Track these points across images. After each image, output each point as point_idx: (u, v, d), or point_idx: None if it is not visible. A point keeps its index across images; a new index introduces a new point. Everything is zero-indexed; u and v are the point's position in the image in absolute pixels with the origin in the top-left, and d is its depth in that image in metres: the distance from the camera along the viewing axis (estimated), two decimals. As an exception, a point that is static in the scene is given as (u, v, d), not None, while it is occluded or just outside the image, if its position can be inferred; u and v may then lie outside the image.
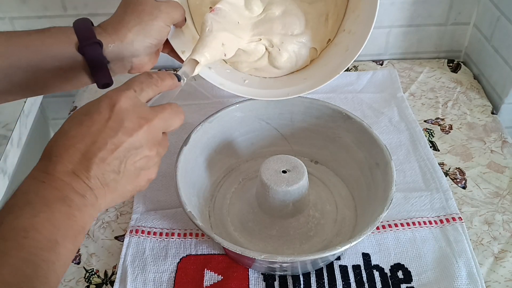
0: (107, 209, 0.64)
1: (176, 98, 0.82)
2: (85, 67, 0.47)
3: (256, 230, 0.59)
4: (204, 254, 0.58)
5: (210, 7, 0.56)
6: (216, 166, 0.65)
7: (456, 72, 0.86)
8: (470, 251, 0.57)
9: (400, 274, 0.56)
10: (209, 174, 0.64)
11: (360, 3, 0.58)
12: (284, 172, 0.56)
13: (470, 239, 0.59)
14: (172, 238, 0.60)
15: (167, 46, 0.56)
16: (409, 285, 0.55)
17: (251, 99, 0.62)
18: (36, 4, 0.79)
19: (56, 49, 0.45)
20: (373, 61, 0.89)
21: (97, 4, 0.79)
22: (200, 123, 0.61)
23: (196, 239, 0.60)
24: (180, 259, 0.58)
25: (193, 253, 0.58)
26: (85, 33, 0.46)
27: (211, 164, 0.64)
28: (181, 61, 0.57)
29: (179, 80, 0.45)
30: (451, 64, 0.87)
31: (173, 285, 0.55)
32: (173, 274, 0.56)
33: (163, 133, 0.41)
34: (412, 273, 0.56)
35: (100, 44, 0.46)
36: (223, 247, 0.51)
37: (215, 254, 0.58)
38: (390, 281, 0.55)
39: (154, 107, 0.40)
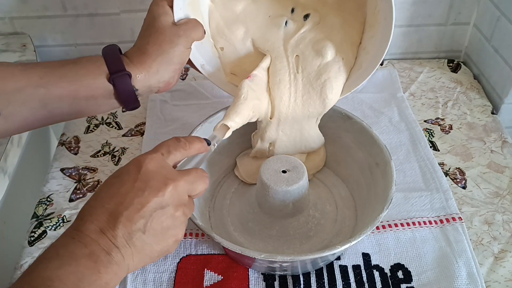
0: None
1: (176, 98, 0.83)
2: (115, 95, 0.49)
3: (256, 230, 0.59)
4: (204, 254, 0.58)
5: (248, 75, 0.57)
6: (216, 166, 0.65)
7: (456, 72, 0.86)
8: (470, 251, 0.57)
9: (400, 274, 0.56)
10: (209, 174, 0.63)
11: (376, 23, 0.56)
12: (284, 172, 0.56)
13: (470, 239, 0.59)
14: (172, 238, 0.60)
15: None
16: (409, 285, 0.55)
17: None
18: (36, 4, 0.79)
19: (89, 79, 0.47)
20: (373, 61, 0.88)
21: (97, 4, 0.80)
22: (200, 123, 0.61)
23: (196, 239, 0.60)
24: (180, 259, 0.58)
25: (193, 253, 0.58)
26: (115, 65, 0.48)
27: (211, 164, 0.64)
28: (199, 70, 0.58)
29: (208, 144, 0.47)
30: (451, 64, 0.87)
31: (173, 285, 0.55)
32: (173, 274, 0.56)
33: (188, 196, 0.42)
34: (412, 273, 0.56)
35: (129, 75, 0.48)
36: (223, 247, 0.51)
37: (215, 254, 0.58)
38: (390, 281, 0.55)
39: (180, 170, 0.42)
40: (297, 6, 0.62)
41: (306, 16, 0.61)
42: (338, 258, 0.57)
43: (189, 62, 0.56)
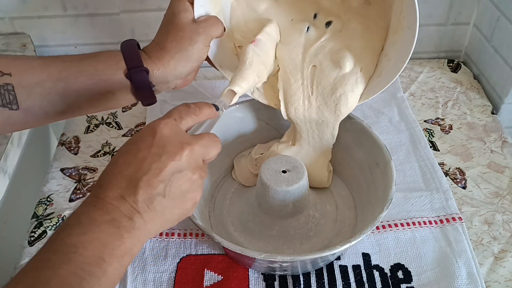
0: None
1: (176, 98, 0.83)
2: (132, 90, 0.50)
3: (256, 230, 0.59)
4: (204, 254, 0.58)
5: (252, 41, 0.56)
6: (216, 166, 0.65)
7: (456, 72, 0.86)
8: (470, 251, 0.57)
9: (400, 274, 0.56)
10: (209, 174, 0.64)
11: (400, 29, 0.54)
12: (284, 172, 0.56)
13: (470, 239, 0.59)
14: (172, 238, 0.60)
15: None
16: (409, 285, 0.55)
17: (251, 99, 0.62)
18: (36, 4, 0.79)
19: (107, 74, 0.48)
20: (373, 61, 0.88)
21: (97, 4, 0.80)
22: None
23: (196, 239, 0.60)
24: (180, 259, 0.58)
25: (193, 253, 0.58)
26: (133, 61, 0.48)
27: (211, 164, 0.63)
28: (216, 67, 0.58)
29: (217, 109, 0.47)
30: (451, 64, 0.87)
31: (173, 285, 0.55)
32: (173, 274, 0.56)
33: (202, 160, 0.43)
34: (412, 273, 0.56)
35: (146, 71, 0.48)
36: (223, 247, 0.51)
37: (215, 254, 0.58)
38: (390, 281, 0.55)
39: (194, 135, 0.42)
40: (320, 12, 0.61)
41: (328, 23, 0.60)
42: (338, 258, 0.57)
43: (208, 59, 0.56)
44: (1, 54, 0.64)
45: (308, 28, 0.60)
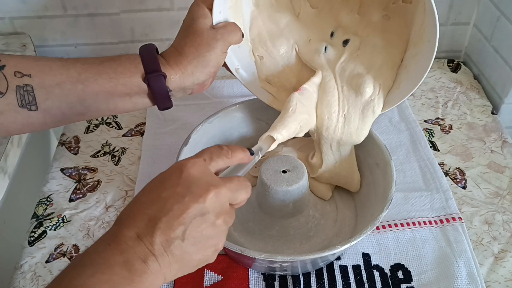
0: (107, 209, 0.64)
1: (177, 99, 0.83)
2: (149, 94, 0.50)
3: (256, 230, 0.59)
4: (204, 254, 0.58)
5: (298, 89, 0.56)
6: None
7: (456, 72, 0.86)
8: (470, 251, 0.57)
9: (400, 274, 0.56)
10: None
11: (420, 42, 0.54)
12: (284, 172, 0.56)
13: (470, 239, 0.59)
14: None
15: None
16: (409, 285, 0.55)
17: (251, 99, 0.62)
18: (36, 4, 0.79)
19: (126, 77, 0.48)
20: (373, 61, 0.88)
21: (97, 4, 0.80)
22: (200, 123, 0.61)
23: (196, 239, 0.60)
24: (180, 259, 0.58)
25: (193, 253, 0.58)
26: (151, 65, 0.48)
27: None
28: (232, 73, 0.58)
29: (251, 154, 0.47)
30: (451, 64, 0.87)
31: (173, 285, 0.55)
32: (173, 274, 0.56)
33: (230, 204, 0.41)
34: (412, 273, 0.56)
35: (164, 76, 0.48)
36: (223, 247, 0.51)
37: (215, 254, 0.58)
38: (390, 281, 0.55)
39: (222, 177, 0.41)
40: (337, 29, 0.60)
41: (345, 42, 0.59)
42: (338, 258, 0.57)
43: (225, 64, 0.56)
44: (21, 55, 0.64)
45: (326, 48, 0.60)
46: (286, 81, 0.61)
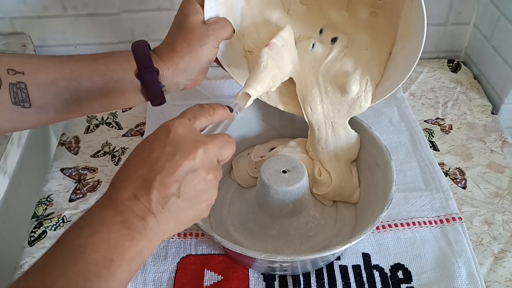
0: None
1: (176, 98, 0.83)
2: (142, 90, 0.50)
3: (256, 230, 0.59)
4: (204, 254, 0.58)
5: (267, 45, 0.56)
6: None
7: (456, 72, 0.86)
8: (470, 251, 0.57)
9: (400, 274, 0.56)
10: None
11: (409, 34, 0.55)
12: (284, 172, 0.56)
13: (470, 239, 0.59)
14: (172, 238, 0.60)
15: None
16: (409, 285, 0.55)
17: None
18: (36, 4, 0.79)
19: (119, 74, 0.49)
20: (373, 61, 0.88)
21: (97, 4, 0.80)
22: (200, 123, 0.61)
23: (196, 239, 0.60)
24: (180, 259, 0.58)
25: (193, 253, 0.58)
26: (144, 61, 0.49)
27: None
28: (225, 69, 0.59)
29: (231, 111, 0.47)
30: (451, 64, 0.87)
31: (173, 285, 0.55)
32: (173, 274, 0.56)
33: (217, 161, 0.42)
34: (412, 273, 0.56)
35: (157, 72, 0.49)
36: (223, 247, 0.51)
37: (215, 254, 0.58)
38: (390, 281, 0.55)
39: (208, 135, 0.42)
40: (326, 27, 0.61)
41: (334, 39, 0.60)
42: (338, 258, 0.57)
43: (216, 59, 0.57)
44: (15, 53, 0.64)
45: (313, 45, 0.60)
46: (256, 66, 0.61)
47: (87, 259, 0.34)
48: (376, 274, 0.56)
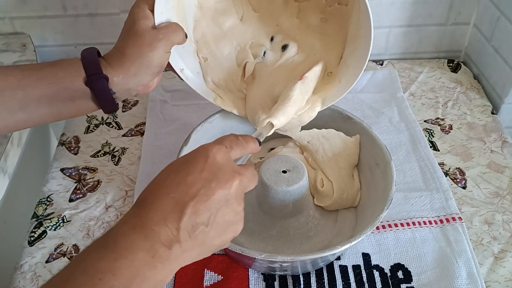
0: (107, 209, 0.64)
1: (176, 98, 0.83)
2: (93, 97, 0.49)
3: (256, 230, 0.59)
4: (204, 254, 0.58)
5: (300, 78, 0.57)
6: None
7: (456, 72, 0.86)
8: (470, 251, 0.57)
9: (400, 274, 0.56)
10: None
11: (358, 37, 0.55)
12: (284, 172, 0.56)
13: (470, 239, 0.59)
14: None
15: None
16: (409, 285, 0.55)
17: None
18: (36, 4, 0.79)
19: (67, 81, 0.47)
20: (373, 61, 0.89)
21: (97, 4, 0.80)
22: (200, 123, 0.61)
23: (196, 239, 0.59)
24: (180, 259, 0.58)
25: (193, 253, 0.58)
26: (92, 68, 0.48)
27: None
28: (178, 75, 0.58)
29: (259, 144, 0.47)
30: (451, 64, 0.87)
31: (173, 285, 0.55)
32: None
33: None
34: (412, 273, 0.56)
35: (106, 78, 0.48)
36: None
37: (215, 254, 0.58)
38: (390, 281, 0.55)
39: (241, 165, 0.41)
40: (277, 34, 0.62)
41: (285, 47, 0.61)
42: (338, 258, 0.57)
43: (169, 65, 0.56)
44: None
45: (264, 52, 0.61)
46: (231, 82, 0.61)
47: (105, 286, 0.33)
48: (376, 274, 0.56)
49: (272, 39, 0.62)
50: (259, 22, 0.62)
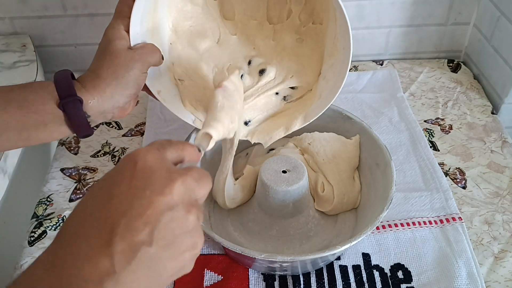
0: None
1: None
2: (67, 121, 0.47)
3: (256, 230, 0.59)
4: (204, 254, 0.58)
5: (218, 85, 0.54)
6: (216, 166, 0.65)
7: (456, 72, 0.86)
8: (470, 251, 0.57)
9: (400, 274, 0.56)
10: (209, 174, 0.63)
11: (336, 52, 0.55)
12: (284, 172, 0.56)
13: (470, 239, 0.59)
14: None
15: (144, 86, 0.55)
16: (409, 285, 0.55)
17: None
18: (36, 4, 0.79)
19: (38, 104, 0.45)
20: (373, 61, 0.89)
21: (97, 4, 0.80)
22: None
23: (196, 239, 0.59)
24: (180, 259, 0.58)
25: (193, 253, 0.58)
26: (66, 90, 0.46)
27: (211, 164, 0.64)
28: (155, 97, 0.56)
29: (199, 151, 0.40)
30: (451, 64, 0.88)
31: (173, 285, 0.55)
32: (173, 274, 0.56)
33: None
34: (412, 273, 0.56)
35: (80, 101, 0.46)
36: (223, 247, 0.51)
37: (215, 254, 0.58)
38: (390, 281, 0.55)
39: (181, 168, 0.34)
40: (254, 58, 0.61)
41: (262, 71, 0.60)
42: (338, 258, 0.57)
43: (146, 88, 0.55)
44: None
45: (242, 76, 0.60)
46: (208, 104, 0.60)
47: None
48: (376, 274, 0.56)
49: (249, 62, 0.61)
50: (236, 45, 0.62)
